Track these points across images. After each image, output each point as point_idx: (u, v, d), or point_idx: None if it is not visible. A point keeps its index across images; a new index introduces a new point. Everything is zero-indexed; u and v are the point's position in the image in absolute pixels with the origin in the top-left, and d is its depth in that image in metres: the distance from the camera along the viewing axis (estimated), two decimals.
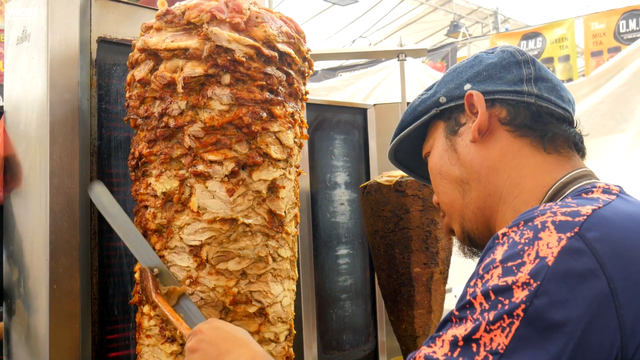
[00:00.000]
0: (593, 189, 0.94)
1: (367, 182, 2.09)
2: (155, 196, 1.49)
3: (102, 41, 1.76)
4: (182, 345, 1.46)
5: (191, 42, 1.45)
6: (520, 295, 0.74)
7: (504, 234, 0.83)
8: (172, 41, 1.46)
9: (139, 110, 1.52)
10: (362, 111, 2.42)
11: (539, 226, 0.80)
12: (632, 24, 7.12)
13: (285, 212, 1.56)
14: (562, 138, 1.04)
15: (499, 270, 0.78)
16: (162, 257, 1.49)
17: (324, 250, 2.26)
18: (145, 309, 1.50)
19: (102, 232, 1.74)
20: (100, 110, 1.76)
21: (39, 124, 1.68)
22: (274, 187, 1.53)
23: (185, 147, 1.46)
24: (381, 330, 2.42)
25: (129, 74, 1.56)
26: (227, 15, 1.47)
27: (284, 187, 1.56)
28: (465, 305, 0.78)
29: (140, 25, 1.59)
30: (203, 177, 1.46)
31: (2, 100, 1.94)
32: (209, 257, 1.46)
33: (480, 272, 0.81)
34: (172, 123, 1.46)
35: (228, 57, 1.45)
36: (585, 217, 0.81)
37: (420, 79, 6.79)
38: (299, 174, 1.65)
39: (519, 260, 0.77)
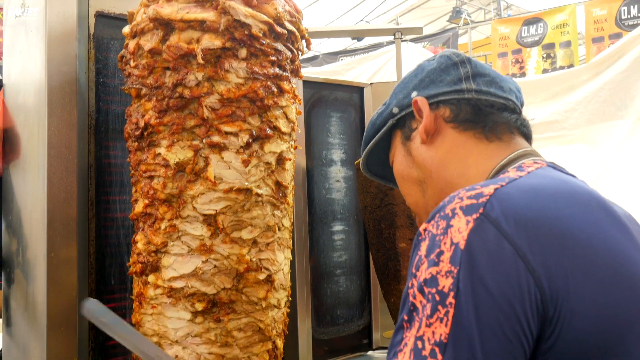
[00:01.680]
0: (512, 168, 1.01)
1: (359, 159, 2.12)
2: (167, 166, 1.49)
3: (99, 15, 1.78)
4: (193, 313, 1.49)
5: (207, 14, 1.47)
6: (446, 283, 0.78)
7: (425, 230, 0.88)
8: (187, 12, 1.47)
9: (147, 80, 1.52)
10: (359, 90, 2.44)
11: (450, 214, 0.85)
12: (634, 10, 7.10)
13: (288, 183, 1.64)
14: (504, 125, 1.11)
15: (425, 265, 0.83)
16: (173, 226, 1.49)
17: (319, 226, 2.29)
18: (151, 278, 1.51)
19: (100, 203, 1.77)
20: (98, 83, 1.79)
21: (37, 96, 1.70)
22: (281, 159, 1.60)
23: (199, 117, 1.48)
24: (375, 305, 2.45)
25: (132, 42, 1.56)
26: None
27: (289, 160, 1.64)
28: (410, 308, 0.82)
29: None
30: (219, 147, 1.48)
31: (1, 74, 1.96)
32: (224, 225, 1.49)
33: (413, 271, 0.85)
34: (187, 94, 1.47)
35: (245, 32, 1.48)
36: (487, 197, 0.85)
37: None
38: (295, 147, 1.70)
39: (438, 250, 0.82)
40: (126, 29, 1.61)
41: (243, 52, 1.50)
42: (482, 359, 0.75)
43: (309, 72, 7.44)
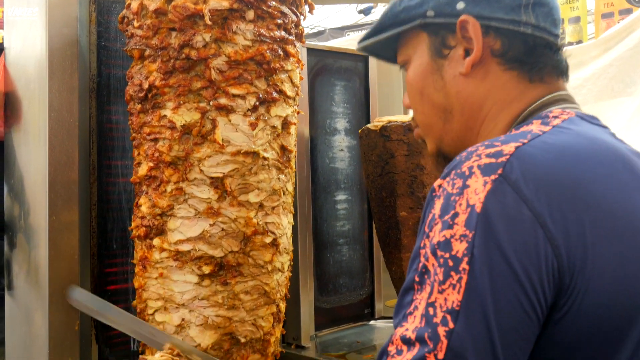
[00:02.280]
0: (537, 119, 0.92)
1: (363, 127, 2.10)
2: (173, 128, 1.47)
3: None
4: (200, 276, 1.49)
5: None
6: (460, 248, 0.74)
7: (439, 186, 0.82)
8: None
9: (152, 41, 1.49)
10: (364, 58, 2.42)
11: (467, 172, 0.79)
12: None
13: (293, 147, 1.64)
14: (551, 67, 0.99)
15: (439, 226, 0.78)
16: (179, 189, 1.48)
17: (322, 195, 2.28)
18: (156, 241, 1.51)
19: (102, 167, 1.77)
20: (100, 47, 1.77)
21: (38, 58, 1.69)
22: (286, 123, 1.60)
23: (206, 79, 1.46)
24: (378, 275, 2.45)
25: (135, 2, 1.53)
26: None
27: (294, 124, 1.65)
28: (422, 270, 0.78)
29: None
30: (226, 110, 1.47)
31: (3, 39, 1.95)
32: (232, 188, 1.48)
33: (426, 230, 0.80)
34: (194, 55, 1.45)
35: None
36: (507, 157, 0.79)
37: None
38: (297, 112, 1.69)
39: (453, 212, 0.77)
40: None
41: (250, 14, 1.49)
42: (496, 327, 0.72)
43: (318, 45, 7.38)
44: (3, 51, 1.89)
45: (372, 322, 2.45)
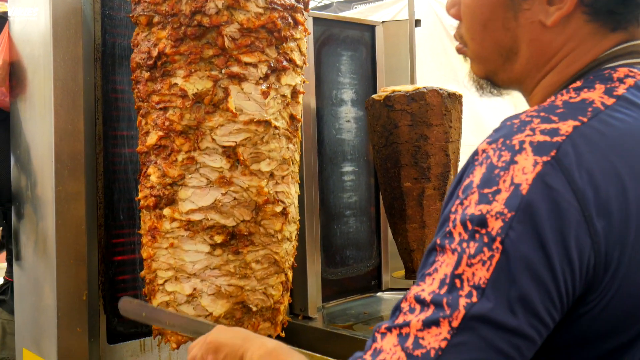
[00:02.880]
0: (601, 82, 0.82)
1: (370, 97, 2.09)
2: (184, 97, 1.45)
3: None
4: (212, 245, 1.49)
5: None
6: (495, 226, 0.71)
7: (483, 151, 0.77)
8: None
9: (161, 7, 1.46)
10: (370, 28, 2.39)
11: (517, 146, 0.73)
12: None
13: (301, 117, 1.63)
14: (638, 15, 0.86)
15: (476, 197, 0.73)
16: (191, 158, 1.47)
17: (329, 167, 2.27)
18: (166, 211, 1.49)
19: (107, 137, 1.76)
20: (104, 16, 1.75)
21: (42, 28, 1.68)
22: (295, 93, 1.59)
23: (218, 47, 1.44)
24: (385, 247, 2.45)
25: None
26: None
27: (303, 93, 1.63)
28: (446, 234, 0.75)
29: None
30: (238, 78, 1.46)
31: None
32: (244, 157, 1.47)
33: (461, 195, 0.76)
34: (206, 22, 1.43)
35: None
36: (563, 138, 0.73)
37: (436, 11, 6.65)
38: (304, 82, 1.67)
39: (495, 188, 0.72)
40: None
41: None
42: (522, 313, 0.70)
43: (324, 14, 7.31)
44: (7, 21, 1.88)
45: (379, 293, 2.45)
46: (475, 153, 0.78)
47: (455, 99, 1.99)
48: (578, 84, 0.83)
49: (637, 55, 0.86)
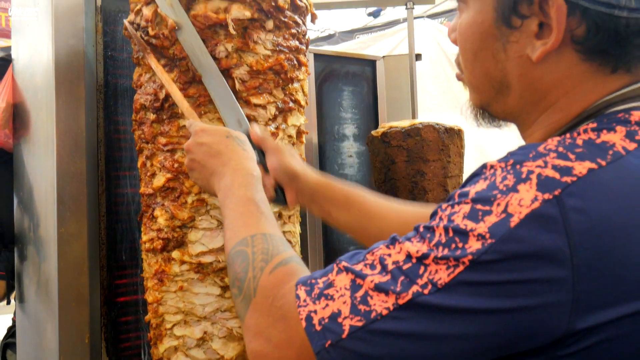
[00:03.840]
0: (620, 124, 0.76)
1: (372, 132, 2.10)
2: None
3: None
4: (223, 287, 1.47)
5: None
6: (473, 245, 0.69)
7: (492, 167, 0.75)
8: None
9: (169, 50, 1.46)
10: (371, 63, 2.40)
11: (523, 175, 0.70)
12: None
13: (304, 156, 1.64)
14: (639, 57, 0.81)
15: (467, 208, 0.72)
16: (201, 200, 1.45)
17: None
18: (175, 254, 1.48)
19: (110, 178, 1.76)
20: (106, 57, 1.77)
21: (45, 69, 1.69)
22: (299, 133, 1.60)
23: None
24: None
25: (148, 9, 1.48)
26: None
27: (307, 133, 1.65)
28: (431, 228, 0.75)
29: None
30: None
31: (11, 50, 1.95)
32: None
33: (457, 198, 0.75)
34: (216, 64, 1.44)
35: (272, 3, 1.46)
36: (574, 179, 0.69)
37: (438, 40, 6.69)
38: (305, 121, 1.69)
39: (487, 208, 0.70)
40: None
41: (270, 24, 1.48)
42: (460, 327, 0.71)
43: (325, 50, 7.36)
44: (11, 63, 1.90)
45: None
46: (484, 167, 0.76)
47: (453, 134, 1.99)
48: (593, 124, 0.78)
49: None
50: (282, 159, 1.33)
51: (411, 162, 1.94)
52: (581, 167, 0.70)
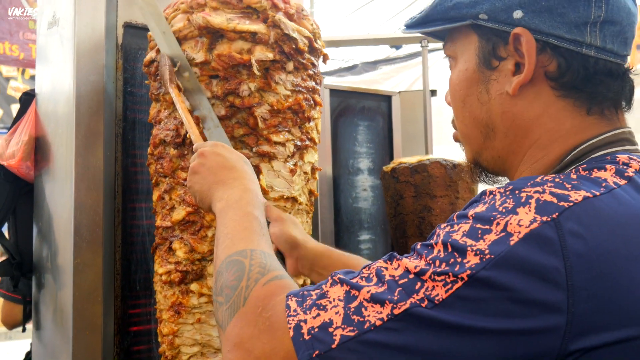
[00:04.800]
0: (609, 164, 0.81)
1: (384, 167, 2.13)
2: None
3: (127, 26, 1.82)
4: None
5: (258, 26, 1.48)
6: (471, 260, 0.71)
7: (491, 192, 0.78)
8: (238, 23, 1.48)
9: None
10: (387, 98, 2.44)
11: (522, 199, 0.73)
12: None
13: (317, 192, 1.69)
14: (612, 99, 0.88)
15: (466, 227, 0.74)
16: None
17: (346, 235, 2.29)
18: (194, 286, 1.50)
19: (126, 210, 1.80)
20: (126, 92, 1.82)
21: (66, 104, 1.75)
22: (313, 169, 1.65)
23: (248, 127, 1.49)
24: None
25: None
26: (283, 6, 1.52)
27: (320, 170, 1.70)
28: (429, 245, 0.76)
29: (176, 4, 1.57)
30: (268, 157, 1.51)
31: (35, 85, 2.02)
32: None
33: (455, 219, 0.78)
34: (238, 103, 1.48)
35: (292, 45, 1.52)
36: (570, 204, 0.71)
37: None
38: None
39: (487, 227, 0.72)
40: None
41: (290, 66, 1.53)
42: (456, 343, 0.70)
43: (348, 80, 7.45)
44: (34, 97, 1.96)
45: None
46: (483, 193, 0.80)
47: (462, 169, 2.01)
48: (583, 166, 0.83)
49: (629, 143, 0.88)
50: (284, 227, 1.35)
51: (418, 198, 1.96)
52: (577, 195, 0.73)
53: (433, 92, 2.35)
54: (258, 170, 1.49)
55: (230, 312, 0.88)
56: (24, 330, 2.15)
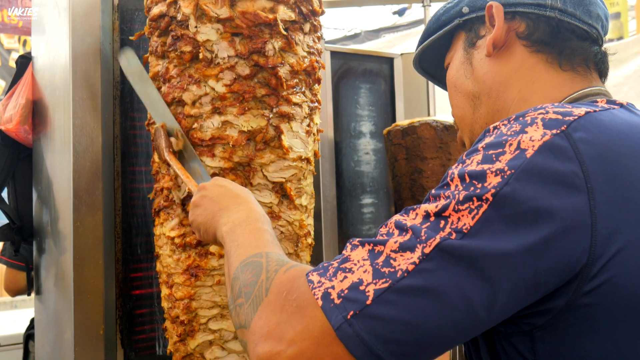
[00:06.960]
0: (599, 99, 0.90)
1: (387, 128, 2.11)
2: (240, 133, 1.46)
3: None
4: None
5: None
6: (492, 181, 0.72)
7: (495, 127, 0.81)
8: None
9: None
10: (389, 60, 2.40)
11: (528, 121, 0.77)
12: None
13: (319, 153, 1.70)
14: (581, 56, 0.98)
15: (479, 157, 0.76)
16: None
17: (348, 199, 2.27)
18: (213, 248, 1.47)
19: (125, 173, 1.79)
20: None
21: (63, 67, 1.72)
22: (317, 132, 1.65)
23: (270, 87, 1.47)
24: None
25: (187, 3, 1.45)
26: None
27: (322, 131, 1.69)
28: (442, 185, 0.77)
29: None
30: (288, 118, 1.50)
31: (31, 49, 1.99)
32: (292, 192, 1.53)
33: (464, 157, 0.79)
34: (263, 62, 1.46)
35: (309, 7, 1.52)
36: (576, 117, 0.77)
37: None
38: None
39: (500, 150, 0.75)
40: None
41: (307, 27, 1.53)
42: (490, 264, 0.70)
43: (342, 48, 7.36)
44: (31, 61, 1.93)
45: None
46: (487, 130, 0.82)
47: (454, 131, 1.98)
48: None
49: (607, 97, 0.95)
50: None
51: (410, 160, 1.95)
52: (579, 111, 0.79)
53: None
54: (280, 131, 1.49)
55: (253, 307, 0.83)
56: (29, 294, 2.16)
